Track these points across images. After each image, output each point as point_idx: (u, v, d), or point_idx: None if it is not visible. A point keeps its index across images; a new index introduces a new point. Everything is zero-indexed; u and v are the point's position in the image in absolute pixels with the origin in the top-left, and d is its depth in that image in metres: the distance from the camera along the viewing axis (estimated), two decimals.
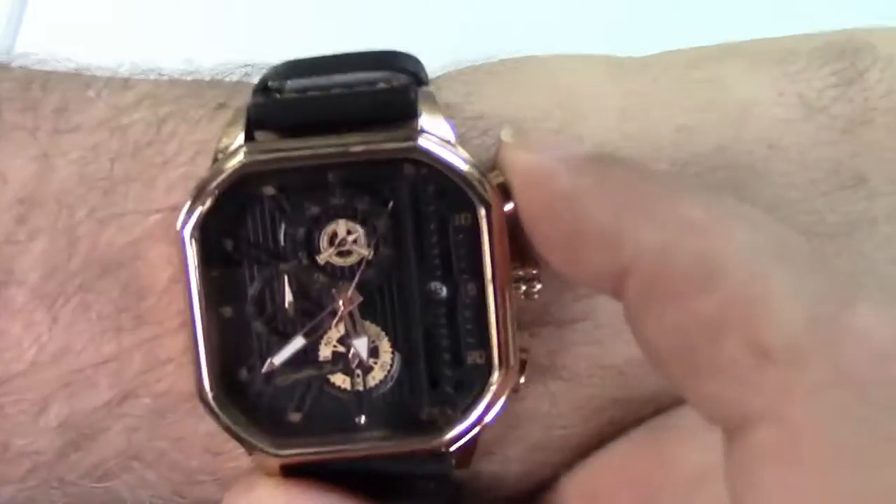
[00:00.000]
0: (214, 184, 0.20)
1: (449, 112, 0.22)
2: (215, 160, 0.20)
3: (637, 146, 0.22)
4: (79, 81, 0.23)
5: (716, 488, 0.17)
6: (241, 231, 0.21)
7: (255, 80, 0.24)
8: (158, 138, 0.22)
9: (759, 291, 0.16)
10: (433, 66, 0.25)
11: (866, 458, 0.15)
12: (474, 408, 0.21)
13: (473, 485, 0.23)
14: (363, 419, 0.21)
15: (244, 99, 0.22)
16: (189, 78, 0.24)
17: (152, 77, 0.25)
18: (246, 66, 0.25)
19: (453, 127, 0.20)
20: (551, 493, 0.22)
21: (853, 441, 0.15)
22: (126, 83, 0.24)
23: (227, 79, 0.25)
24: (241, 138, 0.20)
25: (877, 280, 0.22)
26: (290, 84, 0.22)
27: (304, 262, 0.21)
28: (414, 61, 0.22)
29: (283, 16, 0.38)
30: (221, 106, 0.22)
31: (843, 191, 0.22)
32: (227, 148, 0.20)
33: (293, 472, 0.21)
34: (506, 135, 0.20)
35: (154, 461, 0.22)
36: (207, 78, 0.24)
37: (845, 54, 0.23)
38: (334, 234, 0.21)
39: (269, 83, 0.22)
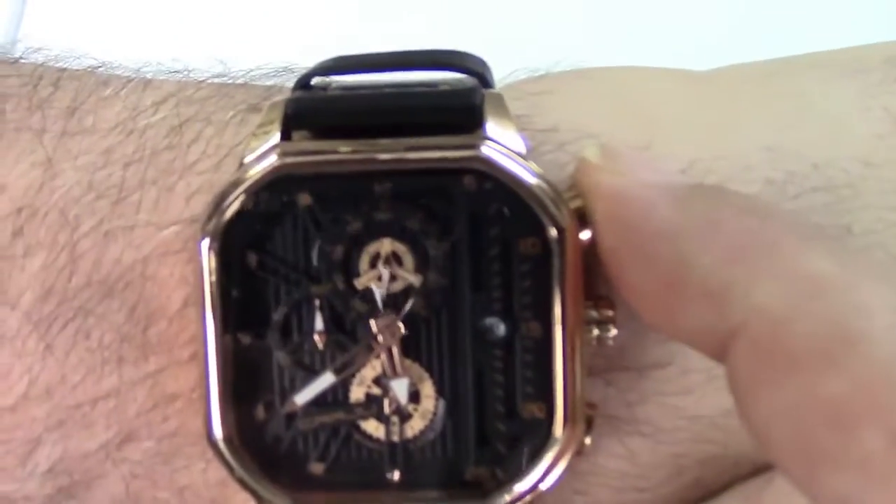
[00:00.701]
0: (241, 188, 0.17)
1: (518, 124, 0.19)
2: (242, 165, 0.18)
3: (729, 165, 0.19)
4: (95, 79, 0.21)
5: None
6: (269, 245, 0.18)
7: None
8: (180, 142, 0.20)
9: None
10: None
11: None
12: (529, 471, 0.18)
13: None
14: (396, 475, 0.18)
15: (280, 100, 0.20)
16: (219, 81, 0.22)
17: (179, 77, 0.23)
18: (284, 69, 0.23)
19: (525, 139, 0.18)
20: None
21: None
22: (148, 83, 0.22)
23: (262, 82, 0.22)
24: (275, 138, 0.17)
25: None
26: (337, 81, 0.19)
27: (340, 285, 0.18)
28: (479, 61, 0.20)
29: (325, 18, 0.36)
30: (253, 108, 0.20)
31: None
32: (256, 150, 0.18)
33: None
34: (591, 153, 0.18)
35: None
36: (240, 81, 0.22)
37: None
38: (377, 256, 0.18)
39: (313, 80, 0.19)
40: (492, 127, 0.17)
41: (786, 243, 0.15)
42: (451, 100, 0.18)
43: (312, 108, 0.18)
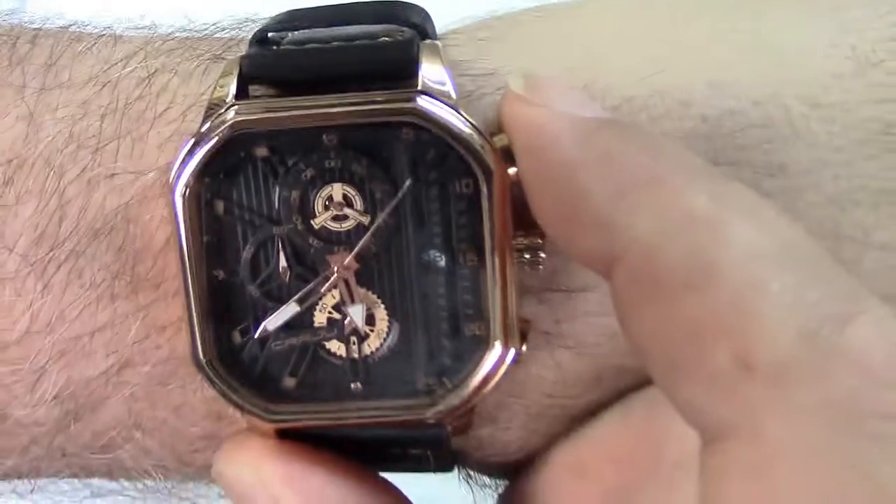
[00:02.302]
0: (204, 146, 0.19)
1: (459, 70, 0.21)
2: (208, 113, 0.20)
3: (665, 101, 0.20)
4: (68, 36, 0.23)
5: (695, 481, 0.16)
6: (234, 193, 0.20)
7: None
8: (149, 92, 0.21)
9: (752, 300, 0.15)
10: (455, 16, 0.24)
11: (839, 495, 0.14)
12: (471, 379, 0.20)
13: (471, 450, 0.22)
14: (358, 386, 0.21)
15: (243, 50, 0.21)
16: (185, 34, 0.24)
17: (146, 31, 0.24)
18: (246, 20, 0.24)
19: (452, 79, 0.19)
20: (542, 461, 0.22)
21: (828, 474, 0.14)
22: (118, 38, 0.23)
23: (226, 34, 0.24)
24: (232, 94, 0.19)
25: None
26: (290, 35, 0.21)
27: (299, 226, 0.20)
28: (420, 13, 0.21)
29: None
30: (217, 58, 0.22)
31: (891, 154, 0.20)
32: (221, 99, 0.19)
33: (287, 437, 0.21)
34: (514, 83, 0.19)
35: (155, 429, 0.21)
36: (204, 33, 0.24)
37: None
38: (330, 198, 0.20)
39: (269, 33, 0.21)
40: (426, 76, 0.19)
41: (670, 180, 0.16)
42: (389, 53, 0.20)
43: (265, 65, 0.20)
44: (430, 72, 0.19)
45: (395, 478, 0.22)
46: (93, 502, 0.24)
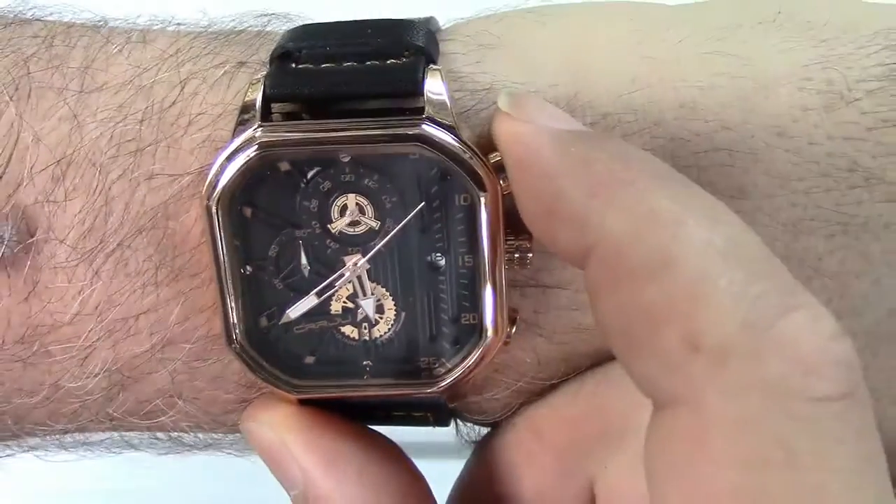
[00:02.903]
0: (234, 163, 0.22)
1: (458, 84, 0.23)
2: (239, 121, 0.22)
3: (639, 119, 0.22)
4: (100, 36, 0.24)
5: (638, 447, 0.18)
6: (260, 201, 0.23)
7: (274, 28, 0.25)
8: (181, 99, 0.23)
9: (703, 290, 0.17)
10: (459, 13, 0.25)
11: (762, 462, 0.16)
12: (466, 361, 0.23)
13: (463, 411, 0.26)
14: (369, 364, 0.24)
15: (264, 55, 0.23)
16: (206, 33, 0.25)
17: (170, 29, 0.25)
18: (262, 15, 0.26)
19: (448, 92, 0.21)
20: (509, 423, 0.25)
21: (755, 443, 0.16)
22: (144, 37, 0.24)
23: (248, 28, 0.25)
24: (257, 112, 0.22)
25: (868, 283, 0.22)
26: (307, 52, 0.23)
27: (317, 230, 0.23)
28: (425, 35, 0.23)
29: None
30: (241, 64, 0.23)
31: (853, 190, 0.22)
32: (250, 104, 0.22)
33: (306, 404, 0.24)
34: (502, 102, 0.21)
35: (194, 398, 0.24)
36: (226, 29, 0.25)
37: None
38: (345, 207, 0.23)
39: (289, 48, 0.23)
40: (429, 90, 0.21)
41: (637, 182, 0.18)
42: (397, 74, 0.22)
43: (286, 84, 0.22)
44: (432, 86, 0.22)
45: None
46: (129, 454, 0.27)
